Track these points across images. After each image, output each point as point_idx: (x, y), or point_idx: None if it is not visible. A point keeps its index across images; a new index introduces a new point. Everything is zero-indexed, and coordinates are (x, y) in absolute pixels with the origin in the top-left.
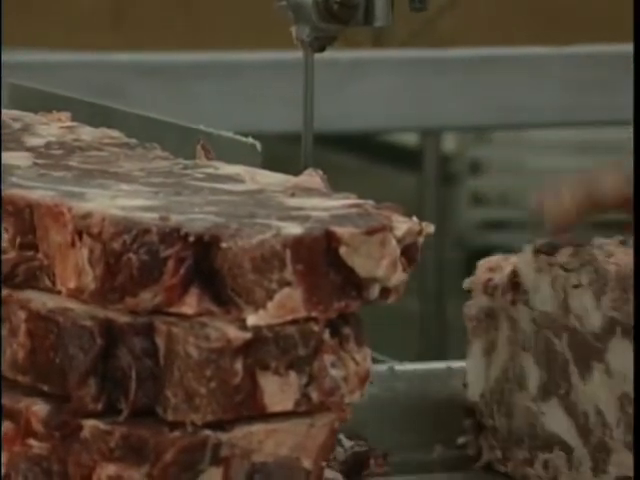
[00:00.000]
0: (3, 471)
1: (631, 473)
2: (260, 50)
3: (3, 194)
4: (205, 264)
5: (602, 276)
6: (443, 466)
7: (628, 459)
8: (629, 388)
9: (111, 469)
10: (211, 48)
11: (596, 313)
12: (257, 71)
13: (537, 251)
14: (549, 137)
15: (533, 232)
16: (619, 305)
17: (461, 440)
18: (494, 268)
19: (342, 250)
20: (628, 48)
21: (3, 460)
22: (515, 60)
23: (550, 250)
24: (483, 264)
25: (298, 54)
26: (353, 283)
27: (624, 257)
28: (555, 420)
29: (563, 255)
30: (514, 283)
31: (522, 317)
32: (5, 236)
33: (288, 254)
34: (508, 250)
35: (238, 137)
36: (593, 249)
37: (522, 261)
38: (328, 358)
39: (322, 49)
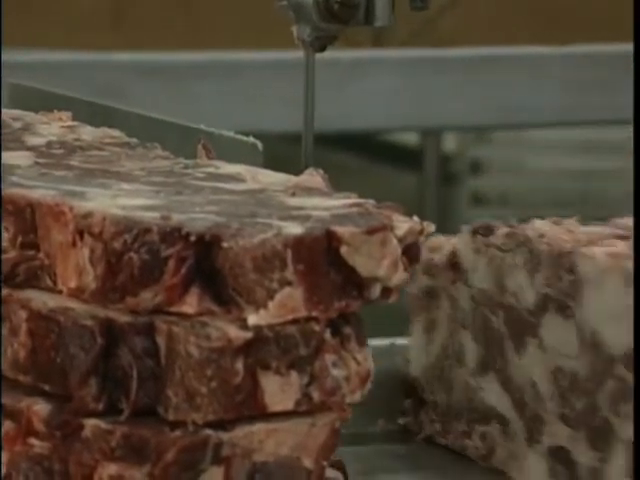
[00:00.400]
0: (4, 471)
1: (563, 443)
2: (260, 50)
3: (4, 193)
4: (206, 264)
5: (536, 256)
6: (386, 439)
7: (560, 430)
8: (561, 362)
9: (112, 468)
10: (211, 48)
11: (530, 290)
12: (257, 71)
13: (474, 232)
14: (549, 137)
15: None
16: (552, 282)
17: (401, 421)
18: (434, 248)
19: (343, 250)
20: (628, 48)
21: (4, 460)
22: (515, 60)
23: (486, 232)
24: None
25: (298, 54)
26: (354, 283)
27: (556, 237)
28: (492, 394)
29: (499, 237)
30: (453, 263)
31: (461, 296)
32: (6, 235)
33: (289, 254)
34: None
35: (239, 137)
36: (527, 230)
37: (461, 242)
38: (329, 358)
39: (323, 49)
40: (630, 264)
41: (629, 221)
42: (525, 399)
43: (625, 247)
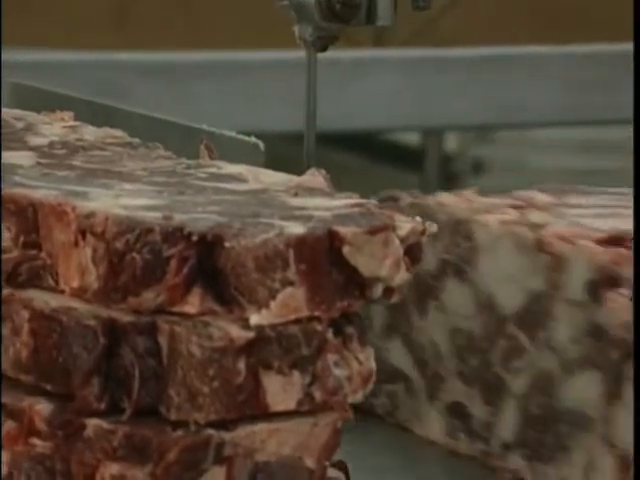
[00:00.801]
0: (4, 470)
1: (460, 399)
2: (262, 50)
3: (6, 193)
4: (208, 263)
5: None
6: None
7: (457, 386)
8: (459, 323)
9: (114, 468)
10: (213, 48)
11: (432, 257)
12: (258, 71)
13: (381, 202)
14: (551, 136)
15: None
16: (450, 249)
17: None
18: None
19: (345, 250)
20: (629, 47)
21: (6, 459)
22: (517, 59)
23: (391, 202)
24: None
25: (299, 53)
26: (356, 282)
27: (455, 206)
28: (397, 356)
29: (403, 207)
30: None
31: None
32: (8, 235)
33: (291, 253)
34: None
35: (241, 136)
36: (429, 200)
37: None
38: (331, 357)
39: (324, 48)
40: (521, 230)
41: (530, 194)
42: (426, 359)
43: (517, 215)
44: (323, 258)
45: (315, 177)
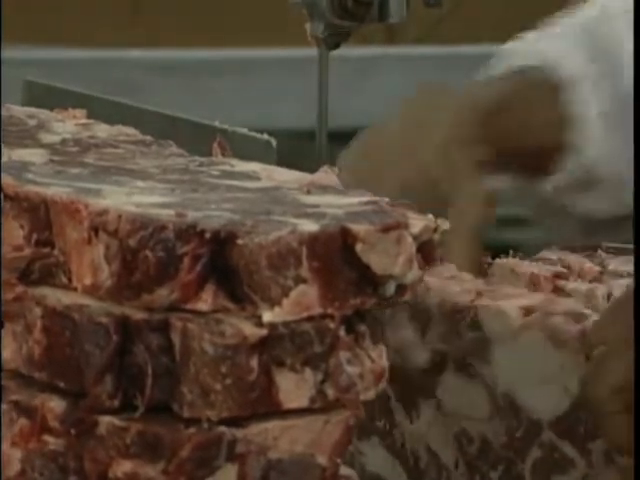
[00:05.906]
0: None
1: None
2: (274, 47)
3: (19, 190)
4: (221, 261)
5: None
6: None
7: None
8: (465, 425)
9: (127, 465)
10: (225, 46)
11: (421, 348)
12: (271, 68)
13: None
14: None
15: (547, 229)
16: (448, 339)
17: None
18: None
19: (358, 247)
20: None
21: (19, 456)
22: None
23: None
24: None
25: (311, 51)
26: (369, 280)
27: (445, 292)
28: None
29: None
30: None
31: None
32: (21, 232)
33: (304, 251)
34: (525, 248)
35: (253, 134)
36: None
37: None
38: (344, 355)
39: (337, 46)
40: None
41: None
42: (422, 467)
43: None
44: (336, 256)
45: (328, 175)
